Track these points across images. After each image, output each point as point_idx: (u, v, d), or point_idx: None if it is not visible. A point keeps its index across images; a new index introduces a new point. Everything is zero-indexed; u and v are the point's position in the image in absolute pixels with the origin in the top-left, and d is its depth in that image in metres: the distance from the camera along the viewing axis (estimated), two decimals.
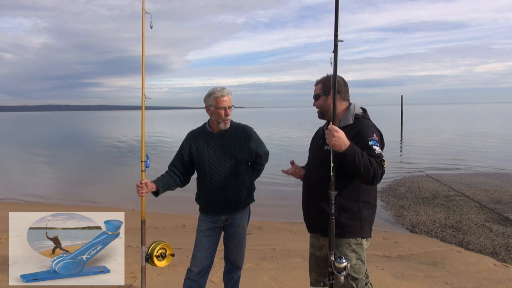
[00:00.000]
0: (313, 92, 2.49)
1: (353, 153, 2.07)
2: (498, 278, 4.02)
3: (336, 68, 2.12)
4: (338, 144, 2.07)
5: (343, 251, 2.26)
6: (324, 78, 2.44)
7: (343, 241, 2.28)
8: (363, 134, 2.22)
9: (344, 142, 2.08)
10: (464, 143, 19.38)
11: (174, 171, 2.93)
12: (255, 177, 3.07)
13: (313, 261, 2.51)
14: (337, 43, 2.09)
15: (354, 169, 2.11)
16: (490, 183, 9.13)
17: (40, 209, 7.23)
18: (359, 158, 2.07)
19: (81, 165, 15.62)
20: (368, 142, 2.18)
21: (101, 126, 54.65)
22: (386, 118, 47.98)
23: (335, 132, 2.07)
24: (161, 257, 2.82)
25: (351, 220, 2.28)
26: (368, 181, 2.14)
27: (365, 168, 2.07)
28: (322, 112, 2.43)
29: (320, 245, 2.44)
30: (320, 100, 2.41)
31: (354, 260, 2.26)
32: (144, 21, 2.77)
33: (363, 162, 2.07)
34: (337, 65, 2.12)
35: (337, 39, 2.08)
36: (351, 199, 2.29)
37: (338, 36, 2.08)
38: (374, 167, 2.09)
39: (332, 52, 2.10)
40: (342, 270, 2.12)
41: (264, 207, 7.05)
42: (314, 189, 2.38)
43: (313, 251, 2.51)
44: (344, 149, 2.07)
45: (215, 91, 2.78)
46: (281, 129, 36.31)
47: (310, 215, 2.46)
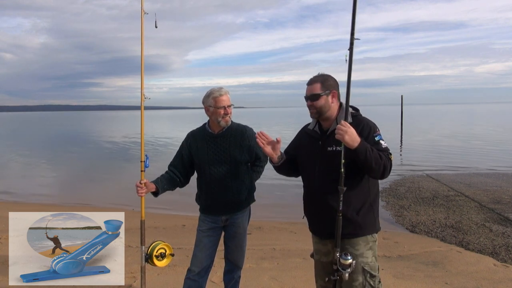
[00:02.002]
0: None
1: (364, 149, 2.08)
2: (498, 278, 4.02)
3: (351, 65, 2.14)
4: (352, 140, 2.07)
5: (360, 249, 2.23)
6: (320, 77, 2.34)
7: (360, 240, 2.25)
8: (368, 130, 2.22)
9: (356, 138, 2.08)
10: (464, 143, 19.38)
11: (174, 172, 2.93)
12: (255, 178, 3.07)
13: (320, 268, 2.43)
14: (353, 41, 2.12)
15: (366, 165, 2.11)
16: (490, 183, 9.13)
17: (40, 209, 7.22)
18: (370, 153, 2.09)
19: (81, 165, 15.62)
20: (374, 138, 2.20)
21: (101, 126, 54.65)
22: (386, 118, 47.97)
23: (348, 129, 2.07)
24: (161, 257, 2.82)
25: (367, 217, 2.28)
26: (379, 175, 2.16)
27: (376, 163, 2.09)
28: (322, 112, 2.32)
29: (327, 250, 2.37)
30: (321, 100, 2.30)
31: (370, 257, 2.25)
32: (143, 21, 2.77)
33: (374, 157, 2.09)
34: (352, 62, 2.14)
35: (353, 37, 2.11)
36: (364, 196, 2.29)
37: (355, 34, 2.11)
38: (384, 161, 2.12)
39: (347, 50, 2.13)
40: (348, 267, 2.12)
41: (264, 207, 7.05)
42: (327, 193, 2.26)
43: (319, 258, 2.44)
44: (356, 145, 2.07)
45: (213, 92, 2.78)
46: (283, 129, 36.30)
47: (325, 221, 2.30)
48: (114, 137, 29.27)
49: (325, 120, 2.36)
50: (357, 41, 2.11)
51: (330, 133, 2.30)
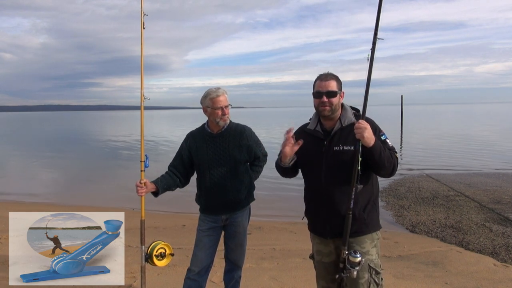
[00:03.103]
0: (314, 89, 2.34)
1: (379, 147, 2.11)
2: (498, 278, 4.02)
3: (371, 64, 2.16)
4: (370, 138, 2.08)
5: (366, 247, 2.24)
6: (334, 75, 2.31)
7: (365, 238, 2.25)
8: (373, 129, 2.20)
9: (373, 136, 2.11)
10: (464, 143, 19.38)
11: (174, 172, 2.93)
12: (254, 178, 3.07)
13: (322, 268, 2.41)
14: (376, 40, 2.14)
15: (379, 163, 2.13)
16: (490, 183, 9.13)
17: (40, 209, 7.22)
18: (383, 152, 2.12)
19: (81, 165, 15.62)
20: (381, 137, 2.23)
21: (101, 126, 54.64)
22: (386, 118, 47.94)
23: (367, 126, 2.09)
24: (161, 256, 2.82)
25: (371, 213, 2.30)
26: (388, 174, 2.19)
27: (388, 161, 2.13)
28: (335, 109, 2.28)
29: (329, 250, 2.35)
30: (337, 98, 2.27)
31: (374, 255, 2.27)
32: (142, 22, 2.76)
33: (386, 156, 2.13)
34: (373, 61, 2.16)
35: (376, 37, 2.14)
36: (370, 194, 2.31)
37: (378, 34, 2.14)
38: (394, 160, 2.17)
39: (370, 49, 2.16)
40: (357, 265, 2.12)
41: (264, 207, 7.05)
42: (336, 192, 2.24)
43: (320, 258, 2.40)
44: (373, 143, 2.09)
45: (210, 92, 2.79)
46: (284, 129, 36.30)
47: (332, 220, 2.27)
48: (114, 137, 29.26)
49: (330, 119, 2.32)
50: (356, 41, 2.18)
51: (335, 132, 2.29)
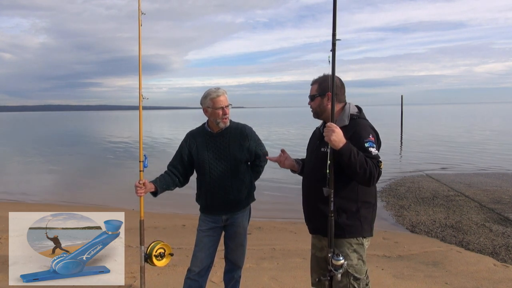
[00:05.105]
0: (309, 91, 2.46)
1: (349, 151, 2.09)
2: (498, 278, 4.02)
3: (334, 67, 2.13)
4: (337, 141, 2.09)
5: (344, 251, 2.26)
6: (320, 78, 2.39)
7: (344, 241, 2.28)
8: (358, 136, 2.21)
9: (341, 139, 2.11)
10: (464, 143, 19.38)
11: (173, 171, 2.92)
12: (255, 178, 3.07)
13: (315, 262, 2.51)
14: (335, 42, 2.10)
15: (350, 168, 2.11)
16: (490, 183, 9.14)
17: (40, 209, 7.23)
18: (355, 157, 2.08)
19: (80, 165, 15.61)
20: (364, 144, 2.18)
21: (101, 126, 54.64)
22: (386, 118, 47.96)
23: (335, 128, 2.10)
24: (160, 256, 2.82)
25: (350, 220, 2.28)
26: (364, 181, 2.14)
27: (361, 167, 2.08)
28: (318, 113, 2.43)
29: (322, 246, 2.43)
30: (316, 101, 2.39)
31: (355, 260, 2.27)
32: (140, 22, 2.76)
33: (358, 161, 2.08)
34: (335, 64, 2.12)
35: (335, 38, 2.10)
36: (350, 200, 2.29)
37: (336, 35, 2.09)
38: (370, 167, 2.09)
39: (330, 51, 2.11)
40: (339, 268, 2.13)
41: (264, 207, 7.05)
42: (313, 190, 2.37)
43: (314, 252, 2.51)
44: (341, 145, 2.09)
45: (210, 92, 2.78)
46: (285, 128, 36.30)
47: (310, 216, 2.46)
48: (114, 137, 29.27)
49: (324, 120, 2.42)
50: (356, 41, 2.16)
51: None
